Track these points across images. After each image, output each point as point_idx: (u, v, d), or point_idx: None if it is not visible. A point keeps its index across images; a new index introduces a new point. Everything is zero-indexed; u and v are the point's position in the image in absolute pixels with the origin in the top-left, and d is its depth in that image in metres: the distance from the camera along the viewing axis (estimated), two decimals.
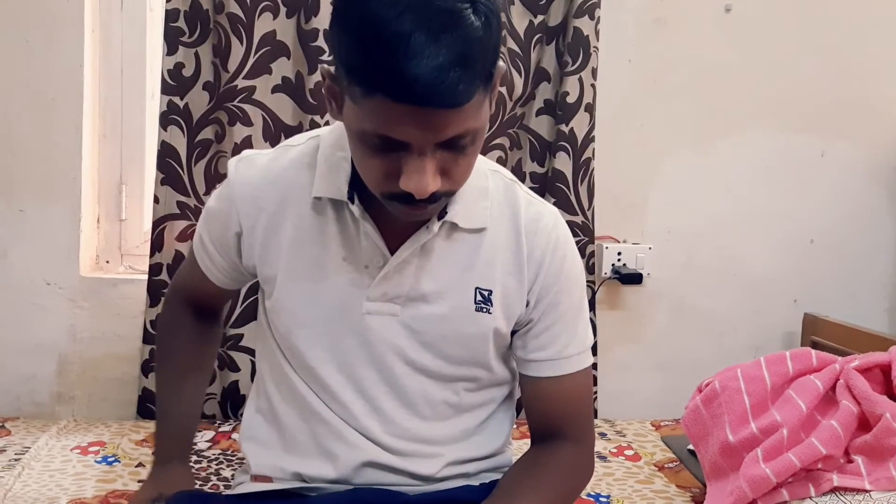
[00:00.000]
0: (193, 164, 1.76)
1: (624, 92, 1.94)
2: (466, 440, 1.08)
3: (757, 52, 1.99)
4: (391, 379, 1.03)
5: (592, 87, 1.85)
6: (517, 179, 1.07)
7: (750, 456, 1.26)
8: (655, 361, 2.03)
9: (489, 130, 1.44)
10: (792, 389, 1.32)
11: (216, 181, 1.72)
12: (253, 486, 1.07)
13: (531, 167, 1.89)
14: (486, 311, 1.02)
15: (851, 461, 1.27)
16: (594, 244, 1.91)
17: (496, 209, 1.02)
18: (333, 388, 1.03)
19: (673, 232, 2.01)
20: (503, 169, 1.08)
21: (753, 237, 2.05)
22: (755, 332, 2.06)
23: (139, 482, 1.39)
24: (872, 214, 2.09)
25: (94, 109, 1.85)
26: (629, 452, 1.69)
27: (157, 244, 1.77)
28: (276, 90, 1.76)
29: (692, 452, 1.54)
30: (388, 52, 0.77)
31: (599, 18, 1.83)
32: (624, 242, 1.98)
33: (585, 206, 1.87)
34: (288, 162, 1.03)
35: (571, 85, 1.83)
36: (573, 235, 1.10)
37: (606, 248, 1.95)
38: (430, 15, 0.77)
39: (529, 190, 1.08)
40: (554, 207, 1.08)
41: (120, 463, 1.53)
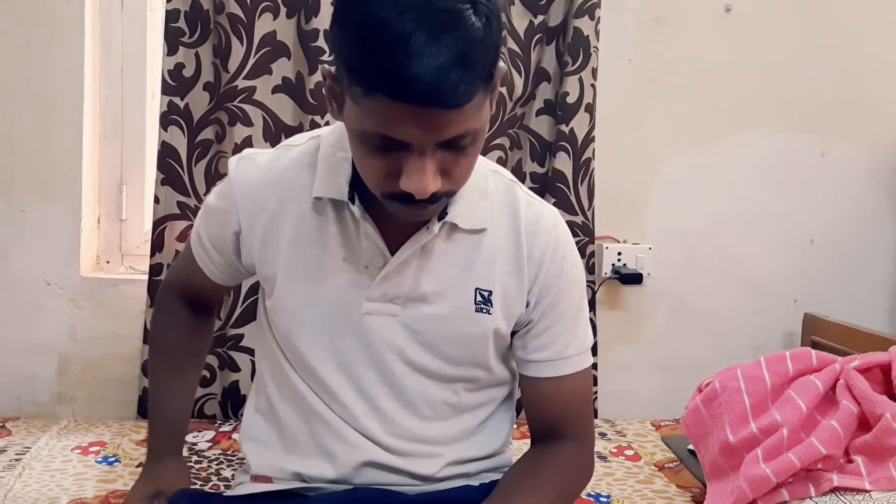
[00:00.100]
0: (194, 164, 1.77)
1: (624, 92, 1.94)
2: (466, 440, 1.09)
3: (757, 52, 1.99)
4: (391, 379, 1.03)
5: (592, 87, 1.85)
6: (517, 180, 1.08)
7: (750, 456, 1.26)
8: (655, 361, 2.03)
9: (489, 130, 1.44)
10: (792, 389, 1.32)
11: (216, 181, 1.70)
12: (253, 486, 1.07)
13: (531, 167, 1.89)
14: (485, 311, 1.02)
15: (851, 461, 1.27)
16: (594, 244, 1.91)
17: (496, 210, 1.02)
18: (333, 387, 1.03)
19: (673, 232, 2.01)
20: (503, 169, 1.08)
21: (753, 237, 2.05)
22: (755, 332, 2.06)
23: None
24: (872, 214, 2.09)
25: (94, 109, 1.85)
26: (629, 452, 1.69)
27: (157, 244, 1.77)
28: (276, 90, 1.76)
29: (692, 452, 1.54)
30: (388, 51, 0.77)
31: (599, 18, 1.83)
32: (624, 242, 1.98)
33: (585, 206, 1.88)
34: (289, 161, 1.03)
35: (571, 85, 1.83)
36: (573, 235, 1.10)
37: (606, 248, 1.95)
38: (430, 15, 0.77)
39: (529, 190, 1.08)
40: (554, 208, 1.08)
41: (120, 463, 1.53)
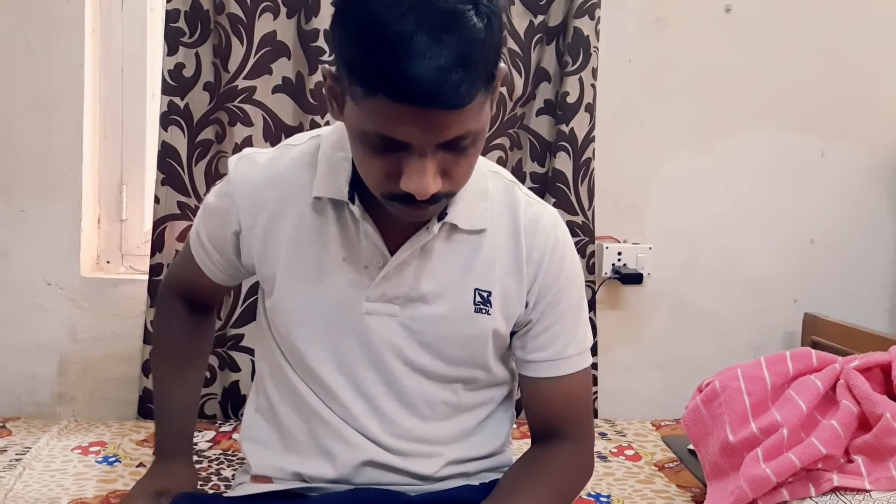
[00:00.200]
0: (194, 164, 1.77)
1: (624, 92, 1.94)
2: (466, 440, 1.09)
3: (757, 52, 1.99)
4: (390, 379, 1.03)
5: (593, 87, 1.85)
6: (517, 180, 1.08)
7: (750, 456, 1.26)
8: (656, 361, 2.03)
9: (489, 130, 1.44)
10: (792, 389, 1.32)
11: (217, 181, 1.69)
12: (253, 486, 1.07)
13: (531, 167, 1.89)
14: (485, 312, 1.02)
15: (851, 461, 1.27)
16: (594, 244, 1.91)
17: (496, 210, 1.03)
18: (333, 387, 1.03)
19: (673, 232, 2.01)
20: (503, 170, 1.08)
21: (753, 237, 2.05)
22: (755, 331, 2.06)
23: None
24: (872, 214, 2.09)
25: (94, 110, 1.85)
26: (629, 452, 1.69)
27: (157, 244, 1.77)
28: (276, 90, 1.76)
29: (692, 452, 1.54)
30: (390, 52, 0.77)
31: (599, 18, 1.83)
32: (624, 242, 1.98)
33: (585, 206, 1.88)
34: (289, 161, 1.03)
35: (571, 85, 1.83)
36: (573, 235, 1.10)
37: (607, 248, 1.95)
38: (432, 15, 0.77)
39: (529, 191, 1.08)
40: (553, 208, 1.08)
41: (121, 463, 1.53)
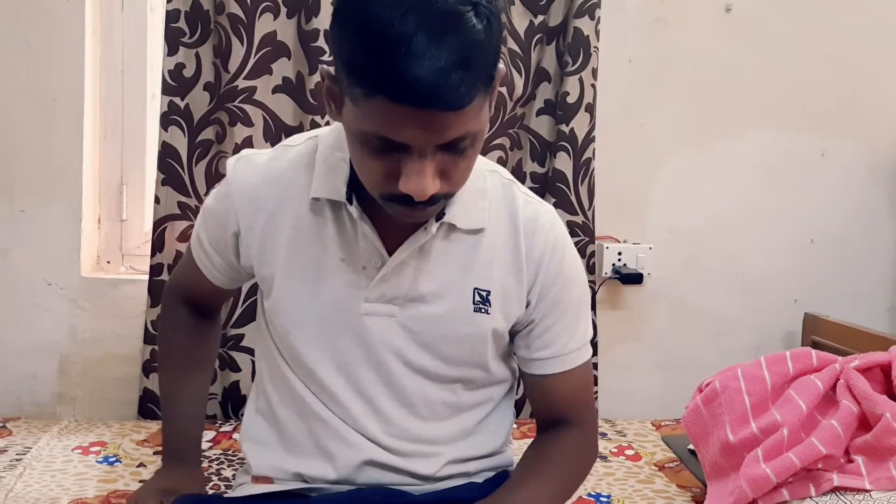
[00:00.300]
0: (194, 164, 1.77)
1: (624, 92, 1.94)
2: (465, 439, 1.09)
3: (757, 52, 1.98)
4: (389, 379, 1.03)
5: (593, 87, 1.85)
6: (515, 179, 1.08)
7: (750, 456, 1.26)
8: (656, 361, 2.03)
9: (489, 131, 1.44)
10: (792, 389, 1.32)
11: (217, 181, 1.70)
12: (254, 487, 1.07)
13: (531, 167, 1.89)
14: (484, 311, 1.02)
15: (852, 461, 1.27)
16: (594, 244, 1.91)
17: (494, 209, 1.03)
18: (332, 388, 1.03)
19: (673, 232, 2.01)
20: (501, 169, 1.08)
21: (753, 237, 2.05)
22: (755, 331, 2.06)
23: (140, 482, 1.39)
24: (872, 214, 2.09)
25: (94, 110, 1.85)
26: (630, 452, 1.69)
27: (157, 244, 1.77)
28: (276, 90, 1.76)
29: (692, 452, 1.54)
30: (389, 53, 0.77)
31: (599, 18, 1.83)
32: (624, 242, 1.98)
33: (586, 206, 1.87)
34: (287, 162, 1.03)
35: (572, 85, 1.83)
36: (573, 235, 1.10)
37: (607, 248, 1.95)
38: (432, 17, 0.77)
39: (527, 190, 1.08)
40: (550, 206, 1.08)
41: (121, 463, 1.53)
